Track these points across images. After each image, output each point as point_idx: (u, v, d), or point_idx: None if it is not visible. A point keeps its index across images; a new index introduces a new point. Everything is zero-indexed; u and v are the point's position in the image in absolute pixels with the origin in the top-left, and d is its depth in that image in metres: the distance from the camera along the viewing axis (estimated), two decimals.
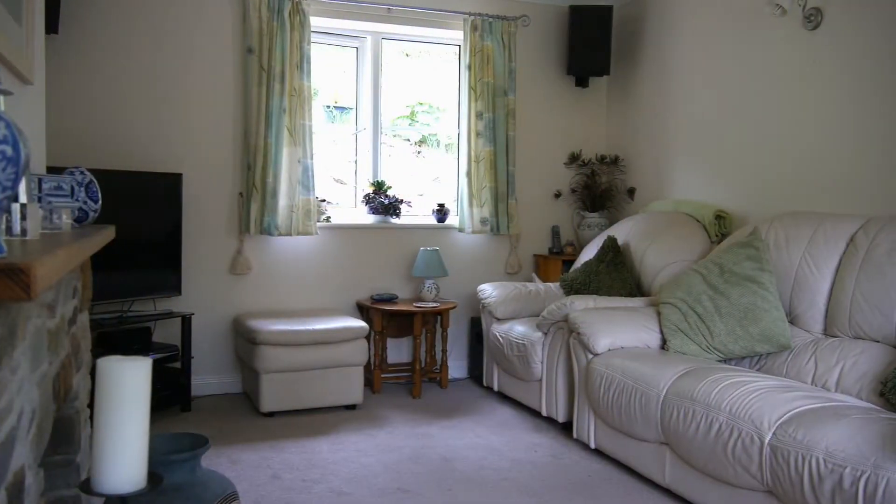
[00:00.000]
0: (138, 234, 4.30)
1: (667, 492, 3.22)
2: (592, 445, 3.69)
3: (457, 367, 5.31)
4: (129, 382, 1.56)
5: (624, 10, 5.45)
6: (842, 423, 2.41)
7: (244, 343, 4.45)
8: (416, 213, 5.34)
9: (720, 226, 4.38)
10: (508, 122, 5.23)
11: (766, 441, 2.54)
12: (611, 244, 4.51)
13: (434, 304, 4.84)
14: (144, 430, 1.60)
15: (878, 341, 3.06)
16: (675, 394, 3.01)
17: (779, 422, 2.56)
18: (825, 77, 3.84)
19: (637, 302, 4.03)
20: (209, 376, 4.75)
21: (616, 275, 4.40)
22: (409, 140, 5.65)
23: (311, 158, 4.79)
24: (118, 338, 4.10)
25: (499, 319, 4.66)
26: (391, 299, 4.93)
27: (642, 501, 3.16)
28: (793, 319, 3.45)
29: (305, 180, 4.76)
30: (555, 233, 5.50)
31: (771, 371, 3.32)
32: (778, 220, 3.68)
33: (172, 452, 2.16)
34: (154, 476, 1.65)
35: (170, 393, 4.28)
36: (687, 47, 4.84)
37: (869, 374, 2.93)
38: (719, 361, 3.43)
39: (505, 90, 5.22)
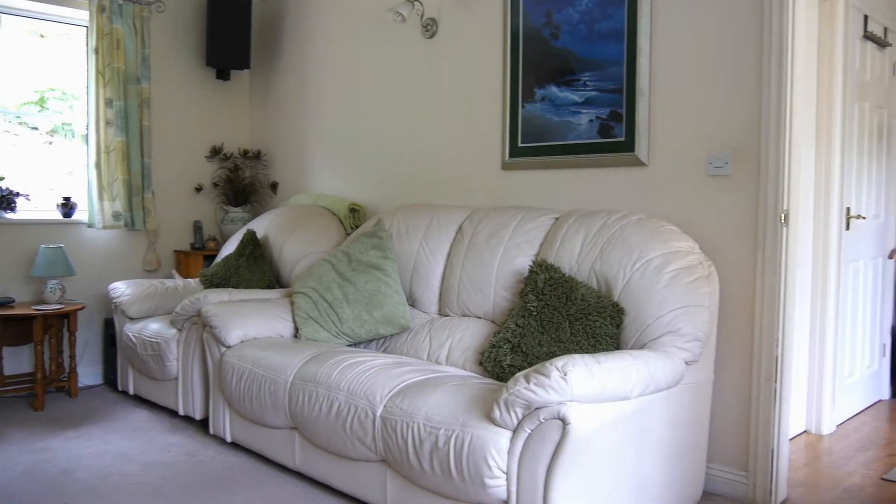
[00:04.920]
0: None
1: (298, 475, 3.31)
2: (228, 439, 3.66)
3: (89, 374, 4.92)
4: None
5: (263, 6, 5.48)
6: (440, 390, 2.67)
7: None
8: (39, 208, 4.84)
9: (354, 218, 4.61)
10: (143, 112, 4.97)
11: (378, 414, 2.73)
12: (250, 238, 4.51)
13: (58, 306, 4.43)
14: None
15: (480, 318, 3.44)
16: (300, 379, 3.11)
17: (389, 395, 2.76)
18: (440, 82, 4.23)
19: (273, 293, 4.08)
20: None
21: (255, 268, 4.41)
22: (38, 129, 5.11)
23: None
24: None
25: (132, 319, 4.41)
26: (6, 303, 4.41)
27: (274, 487, 3.21)
28: (413, 302, 3.74)
29: None
30: (197, 228, 5.35)
31: (394, 351, 3.57)
32: (400, 212, 3.98)
33: None
34: None
35: None
36: (322, 47, 5.01)
37: (472, 347, 3.29)
38: (349, 346, 3.60)
39: (138, 78, 4.95)
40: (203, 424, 3.98)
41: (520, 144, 3.83)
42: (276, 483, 3.26)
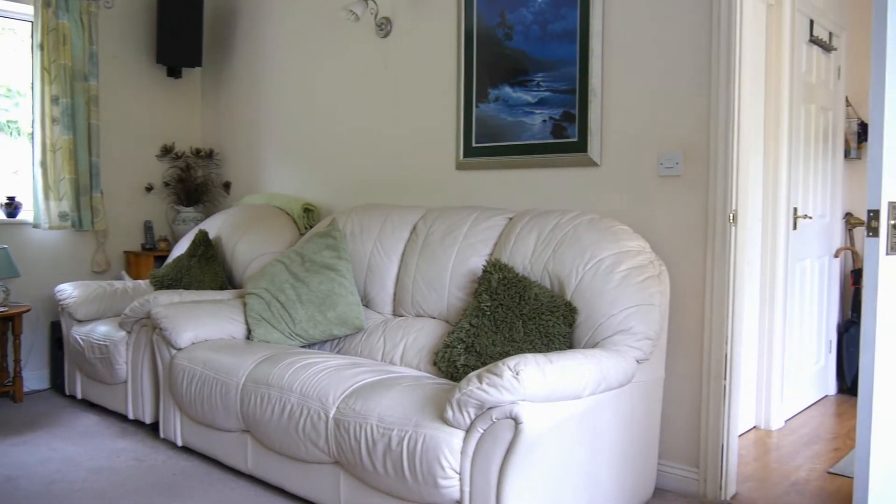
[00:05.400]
0: None
1: (251, 478, 3.26)
2: (179, 443, 3.60)
3: (36, 378, 4.79)
4: None
5: (215, 2, 5.40)
6: (393, 391, 2.66)
7: None
8: None
9: (308, 218, 4.57)
10: (90, 110, 4.86)
11: (331, 415, 2.71)
12: (202, 238, 4.44)
13: (2, 309, 4.30)
14: None
15: (434, 318, 3.43)
16: (252, 381, 3.06)
17: (342, 396, 2.74)
18: (395, 82, 4.21)
19: (225, 294, 4.02)
20: None
21: (207, 269, 4.35)
22: None
23: None
24: None
25: (80, 321, 4.31)
26: None
27: (226, 492, 3.16)
28: (367, 303, 3.72)
29: None
30: (148, 228, 5.25)
31: (348, 352, 3.54)
32: (354, 212, 3.95)
33: None
34: None
35: None
36: (277, 45, 4.96)
37: (426, 347, 3.28)
38: (302, 347, 3.57)
39: (85, 75, 4.84)
40: (153, 428, 3.90)
41: (474, 144, 3.83)
42: (228, 487, 3.21)
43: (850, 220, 4.91)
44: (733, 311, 3.03)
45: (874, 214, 2.10)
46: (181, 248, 4.72)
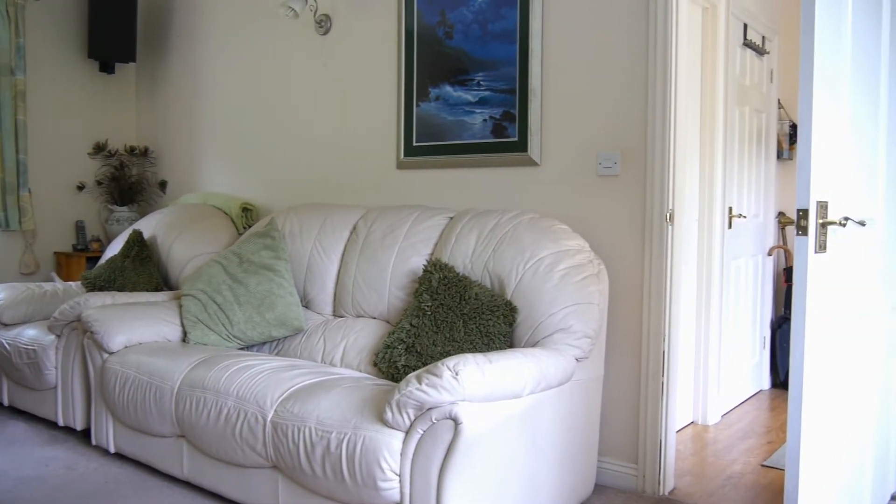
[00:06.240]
0: None
1: (186, 485, 3.18)
2: (112, 450, 3.49)
3: None
4: None
5: None
6: (332, 393, 2.62)
7: None
8: None
9: (247, 218, 4.49)
10: (17, 105, 4.69)
11: (269, 419, 2.66)
12: (136, 238, 4.32)
13: None
14: None
15: (375, 318, 3.40)
16: (187, 384, 2.99)
17: (280, 399, 2.69)
18: (335, 80, 4.16)
19: (160, 296, 3.92)
20: None
21: (142, 270, 4.23)
22: None
23: None
24: None
25: (6, 325, 4.15)
26: None
27: (161, 498, 3.08)
28: (307, 304, 3.67)
29: None
30: (79, 228, 5.09)
31: (287, 353, 3.49)
32: (293, 211, 3.89)
33: None
34: None
35: None
36: (214, 41, 4.86)
37: (367, 348, 3.25)
38: (240, 349, 3.49)
39: (12, 69, 4.67)
40: (85, 435, 3.78)
41: (415, 143, 3.81)
42: (163, 494, 3.13)
43: (782, 220, 5.05)
44: (670, 309, 3.07)
45: (803, 214, 2.14)
46: (114, 248, 4.59)
